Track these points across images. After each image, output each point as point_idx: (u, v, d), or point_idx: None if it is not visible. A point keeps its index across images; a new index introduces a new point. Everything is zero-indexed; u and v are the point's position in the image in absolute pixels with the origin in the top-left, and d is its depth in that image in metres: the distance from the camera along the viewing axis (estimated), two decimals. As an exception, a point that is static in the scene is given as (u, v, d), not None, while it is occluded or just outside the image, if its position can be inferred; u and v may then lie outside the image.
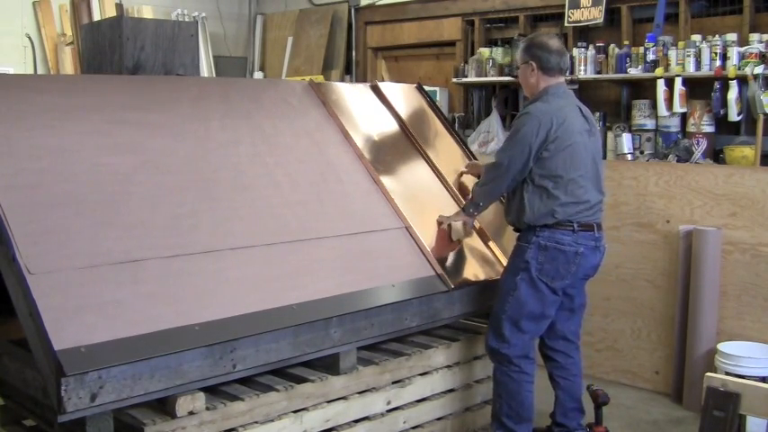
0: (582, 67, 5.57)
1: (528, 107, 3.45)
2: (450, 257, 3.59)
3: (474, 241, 3.76)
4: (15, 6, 6.76)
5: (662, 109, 5.14)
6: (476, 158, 4.28)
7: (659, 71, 5.11)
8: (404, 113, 4.20)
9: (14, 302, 2.51)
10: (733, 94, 4.81)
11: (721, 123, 5.05)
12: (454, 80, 6.43)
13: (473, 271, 3.60)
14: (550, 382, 3.66)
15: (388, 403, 3.30)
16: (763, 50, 4.74)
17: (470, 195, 3.63)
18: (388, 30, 7.24)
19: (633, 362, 4.55)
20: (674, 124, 5.20)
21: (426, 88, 4.63)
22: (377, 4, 7.25)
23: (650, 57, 5.19)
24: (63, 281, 2.46)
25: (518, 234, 3.49)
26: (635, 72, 5.29)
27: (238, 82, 4.54)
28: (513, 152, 3.35)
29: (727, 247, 4.19)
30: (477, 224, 3.82)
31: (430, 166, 4.00)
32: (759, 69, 4.68)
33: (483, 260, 3.70)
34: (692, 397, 4.15)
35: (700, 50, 4.98)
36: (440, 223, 3.62)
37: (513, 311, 3.39)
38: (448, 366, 3.58)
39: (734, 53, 4.81)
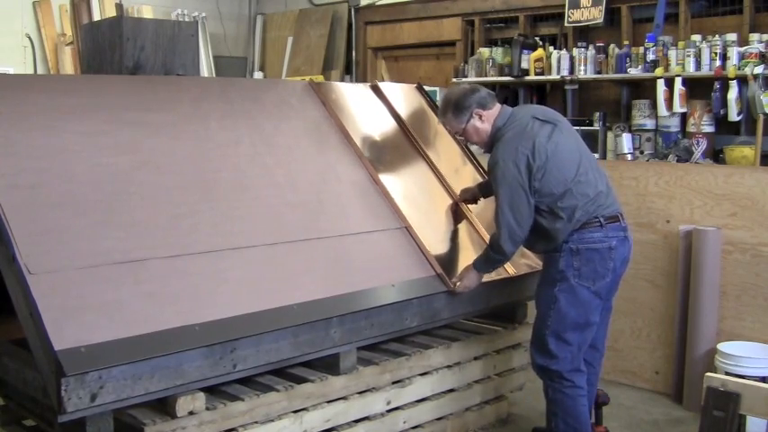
0: (582, 67, 5.57)
1: (494, 155, 3.26)
2: (451, 258, 3.58)
3: (474, 241, 3.76)
4: (15, 6, 6.77)
5: (662, 109, 5.14)
6: (476, 158, 4.28)
7: (659, 71, 5.12)
8: (404, 113, 4.20)
9: (14, 302, 2.51)
10: (733, 94, 4.81)
11: (721, 123, 5.05)
12: (454, 80, 6.42)
13: (473, 271, 3.59)
14: None
15: (388, 403, 3.30)
16: (763, 50, 4.74)
17: (486, 254, 3.36)
18: (388, 30, 7.24)
19: (633, 362, 4.55)
20: (674, 124, 5.21)
21: (426, 88, 4.63)
22: (377, 4, 7.25)
23: (650, 57, 5.19)
24: (63, 281, 2.46)
25: None
26: (635, 72, 5.29)
27: (238, 82, 4.54)
28: (513, 203, 3.17)
29: (727, 247, 4.19)
30: (478, 224, 3.83)
31: (430, 166, 4.00)
32: (759, 69, 4.68)
33: (483, 260, 3.69)
34: (692, 397, 4.15)
35: (700, 50, 4.98)
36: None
37: (557, 325, 3.23)
38: (448, 366, 3.57)
39: (734, 53, 4.81)
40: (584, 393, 3.31)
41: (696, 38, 5.04)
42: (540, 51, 5.86)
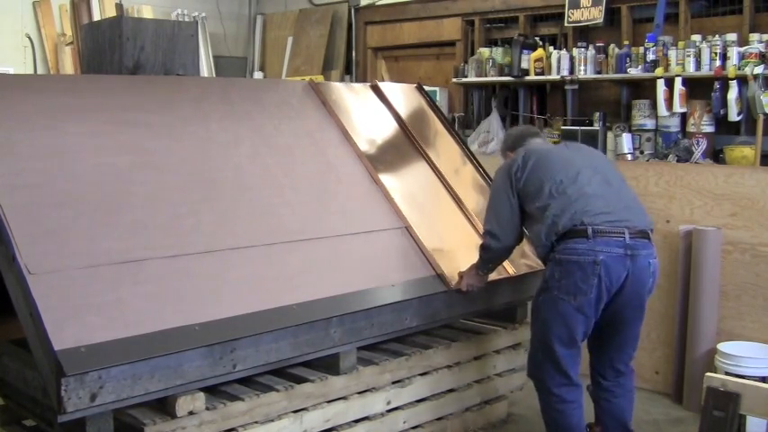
0: (582, 67, 5.57)
1: None
2: (451, 258, 3.58)
3: (474, 241, 3.76)
4: (15, 6, 6.76)
5: (662, 109, 5.14)
6: (476, 158, 4.28)
7: (659, 71, 5.12)
8: (404, 113, 4.20)
9: (14, 302, 2.51)
10: (733, 94, 4.81)
11: (721, 123, 5.05)
12: (454, 80, 6.43)
13: (473, 271, 3.59)
14: (594, 404, 3.40)
15: (388, 403, 3.30)
16: (763, 50, 4.74)
17: (480, 258, 3.41)
18: (388, 30, 7.24)
19: (633, 362, 4.54)
20: (674, 124, 5.20)
21: (426, 88, 4.63)
22: (377, 4, 7.25)
23: (650, 57, 5.19)
24: (63, 281, 2.46)
25: None
26: (635, 72, 5.29)
27: (238, 82, 4.54)
28: (495, 203, 3.31)
29: (727, 247, 4.18)
30: (478, 224, 3.83)
31: (430, 166, 4.00)
32: (759, 69, 4.68)
33: (483, 260, 3.69)
34: (692, 397, 4.15)
35: (700, 50, 4.98)
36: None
37: (542, 335, 3.17)
38: (448, 366, 3.57)
39: (734, 53, 4.81)
40: (577, 406, 3.20)
41: (696, 38, 5.04)
42: (540, 51, 5.86)
